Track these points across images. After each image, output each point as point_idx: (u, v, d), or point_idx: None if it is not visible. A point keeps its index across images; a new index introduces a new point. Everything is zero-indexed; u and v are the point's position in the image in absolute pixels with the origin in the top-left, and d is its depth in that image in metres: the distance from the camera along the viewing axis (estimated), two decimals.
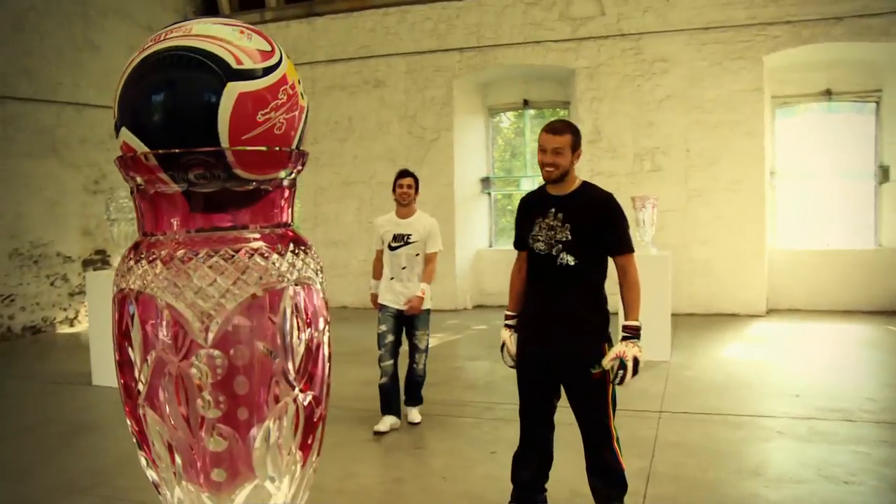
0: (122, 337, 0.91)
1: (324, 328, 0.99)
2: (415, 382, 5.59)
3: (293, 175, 0.96)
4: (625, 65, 10.30)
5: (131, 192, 0.93)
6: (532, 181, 12.03)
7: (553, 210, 3.45)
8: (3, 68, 9.65)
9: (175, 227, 0.91)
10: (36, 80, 10.02)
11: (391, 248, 5.46)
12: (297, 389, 0.93)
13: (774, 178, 10.59)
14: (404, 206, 5.54)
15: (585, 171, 10.48)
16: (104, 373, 6.96)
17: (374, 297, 5.60)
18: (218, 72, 0.87)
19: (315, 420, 0.98)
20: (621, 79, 10.33)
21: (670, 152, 10.17)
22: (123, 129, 0.89)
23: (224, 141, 0.87)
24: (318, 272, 0.99)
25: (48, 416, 6.17)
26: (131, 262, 0.91)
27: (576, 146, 3.42)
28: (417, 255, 5.46)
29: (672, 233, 10.01)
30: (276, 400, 0.91)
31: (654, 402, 5.93)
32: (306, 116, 0.98)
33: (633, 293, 3.40)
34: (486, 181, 11.99)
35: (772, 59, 9.87)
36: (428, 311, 5.49)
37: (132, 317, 0.90)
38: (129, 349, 0.90)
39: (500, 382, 6.77)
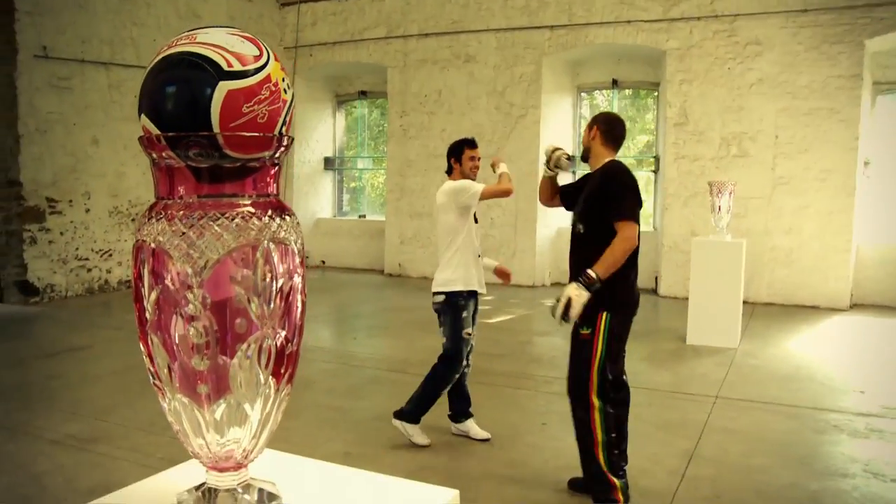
0: (137, 278, 1.17)
1: (298, 280, 1.23)
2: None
3: (277, 155, 1.20)
4: (716, 47, 10.19)
5: (150, 165, 1.18)
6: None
7: (582, 186, 3.96)
8: (111, 36, 10.28)
9: (181, 193, 1.16)
10: (140, 48, 10.64)
11: (476, 222, 4.89)
12: (267, 327, 1.17)
13: (868, 169, 10.32)
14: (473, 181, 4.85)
15: (671, 153, 10.47)
16: None
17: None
18: (212, 73, 1.11)
19: (287, 354, 1.23)
20: (712, 61, 10.24)
21: (758, 138, 10.04)
22: (143, 116, 1.15)
23: (216, 127, 1.12)
24: (296, 234, 1.23)
25: (133, 363, 6.69)
26: (146, 219, 1.17)
27: (591, 125, 3.94)
28: None
29: (755, 220, 9.94)
30: (250, 333, 1.16)
31: (711, 388, 6.01)
32: (289, 107, 1.21)
33: (608, 252, 3.58)
34: (571, 160, 12.05)
35: (875, 43, 9.59)
36: None
37: (143, 262, 1.16)
38: (141, 287, 1.16)
39: (564, 358, 6.96)
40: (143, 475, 1.45)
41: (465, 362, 4.72)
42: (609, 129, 3.90)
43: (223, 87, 1.12)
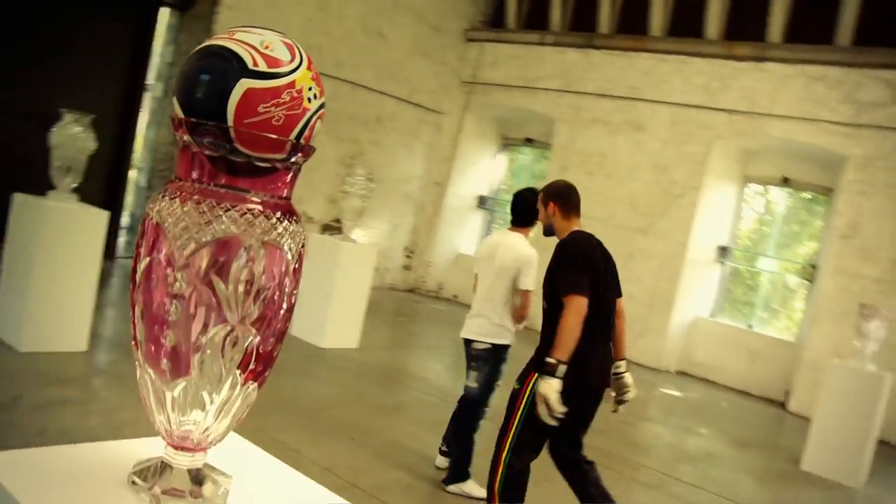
0: (137, 246, 1.24)
1: (287, 286, 1.27)
2: None
3: (293, 161, 1.25)
4: None
5: (175, 146, 1.26)
6: (772, 262, 11.56)
7: None
8: (299, 41, 10.78)
9: (195, 177, 1.23)
10: (324, 58, 11.20)
11: None
12: (237, 321, 1.21)
13: None
14: None
15: (830, 266, 9.92)
16: (301, 326, 7.74)
17: None
18: (237, 68, 1.17)
19: (260, 353, 1.26)
20: None
21: None
22: (174, 98, 1.23)
23: (230, 121, 1.17)
24: (295, 241, 1.27)
25: None
26: (159, 196, 1.24)
27: (545, 202, 3.95)
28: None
29: None
30: (216, 322, 1.20)
31: None
32: (312, 116, 1.25)
33: (559, 331, 3.58)
34: (723, 250, 11.66)
35: None
36: None
37: (144, 234, 1.23)
38: (139, 254, 1.24)
39: (664, 448, 6.72)
40: None
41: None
42: (564, 200, 3.94)
43: (243, 84, 1.17)
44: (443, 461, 4.99)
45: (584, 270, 3.68)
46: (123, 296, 8.53)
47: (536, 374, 3.64)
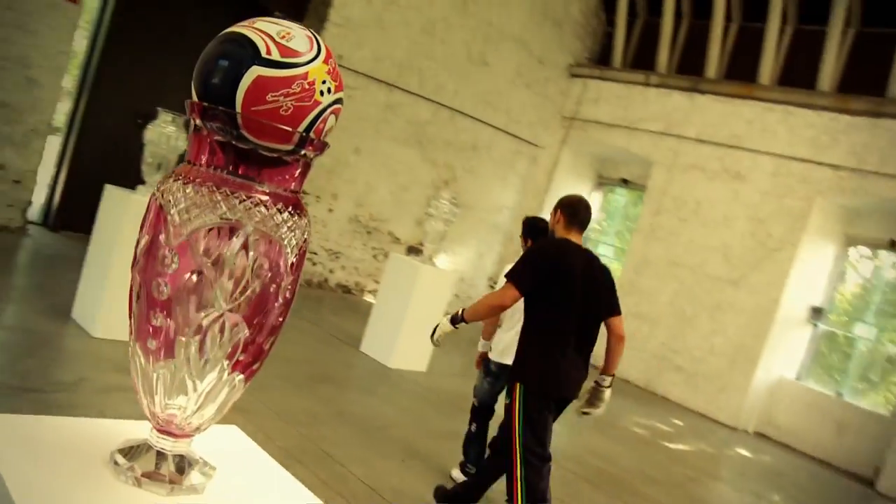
0: (142, 223, 1.26)
1: (281, 277, 1.26)
2: None
3: (303, 154, 1.24)
4: None
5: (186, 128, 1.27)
6: (869, 328, 11.03)
7: None
8: (402, 61, 11.07)
9: (204, 163, 1.23)
10: (424, 80, 11.35)
11: None
12: (224, 309, 1.20)
13: None
14: None
15: None
16: (372, 343, 7.78)
17: None
18: (250, 55, 1.18)
19: (246, 344, 1.25)
20: None
21: None
22: (193, 82, 1.24)
23: (238, 106, 1.17)
24: (296, 235, 1.26)
25: (310, 358, 7.08)
26: (169, 178, 1.25)
27: (556, 210, 4.11)
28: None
29: None
30: (203, 308, 1.20)
31: None
32: (324, 110, 1.24)
33: (479, 300, 4.06)
34: (817, 311, 11.18)
35: None
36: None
37: (148, 212, 1.24)
38: (142, 230, 1.25)
39: None
40: None
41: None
42: (572, 212, 4.06)
43: (254, 72, 1.17)
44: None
45: (535, 273, 3.84)
46: None
47: (519, 384, 3.87)
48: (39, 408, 4.09)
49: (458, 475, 5.09)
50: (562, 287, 3.85)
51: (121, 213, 5.66)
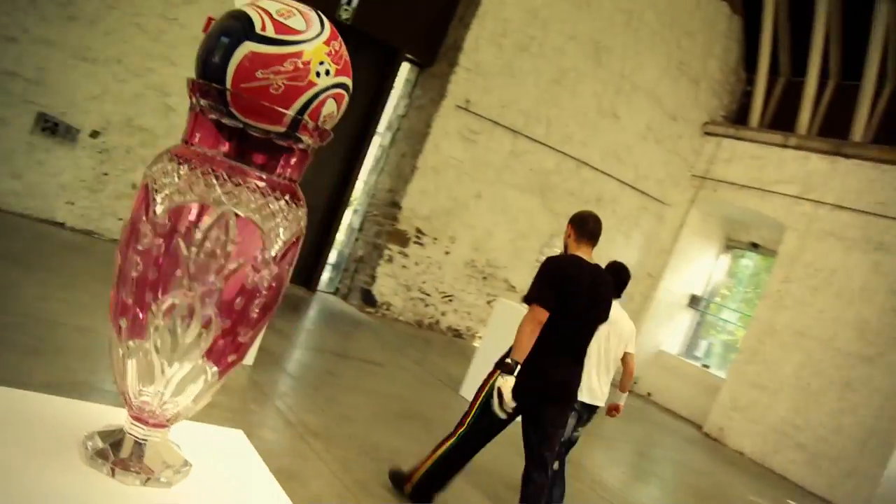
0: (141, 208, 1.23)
1: (260, 267, 1.19)
2: None
3: (298, 138, 1.19)
4: None
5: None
6: None
7: None
8: (529, 109, 11.07)
9: (195, 142, 1.20)
10: (551, 129, 11.30)
11: None
12: (191, 292, 1.15)
13: None
14: None
15: None
16: (472, 387, 7.67)
17: None
18: (244, 30, 1.14)
19: (223, 333, 1.20)
20: None
21: None
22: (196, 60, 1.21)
23: (228, 84, 1.14)
24: (283, 225, 1.20)
25: (405, 396, 7.04)
26: (163, 156, 1.22)
27: (568, 224, 4.51)
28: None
29: None
30: (177, 289, 1.15)
31: None
32: (320, 93, 1.18)
33: (517, 335, 4.14)
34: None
35: None
36: None
37: (138, 188, 1.22)
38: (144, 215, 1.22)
39: None
40: None
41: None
42: (581, 226, 4.40)
43: (246, 47, 1.13)
44: None
45: (552, 287, 4.13)
46: (311, 325, 8.93)
47: (499, 372, 4.13)
48: None
49: None
50: (568, 301, 4.14)
51: None
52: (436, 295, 11.10)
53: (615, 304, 5.01)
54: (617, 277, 5.18)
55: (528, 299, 4.18)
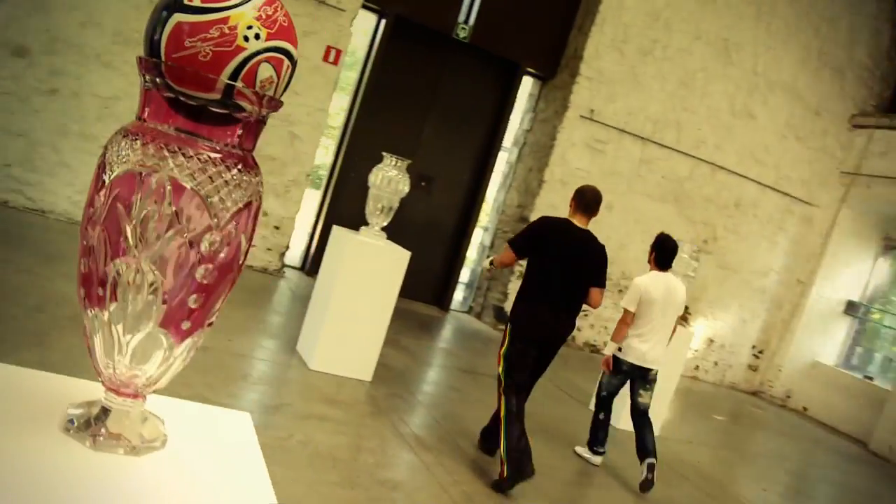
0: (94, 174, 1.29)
1: (204, 232, 1.22)
2: None
3: (237, 107, 1.22)
4: None
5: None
6: None
7: None
8: (657, 115, 10.80)
9: (148, 117, 1.25)
10: (682, 134, 10.97)
11: None
12: (135, 259, 1.19)
13: None
14: None
15: None
16: None
17: None
18: (174, 3, 1.18)
19: (170, 300, 1.23)
20: None
21: None
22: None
23: (162, 55, 1.18)
24: (240, 190, 1.23)
25: (531, 411, 6.95)
26: (118, 134, 1.28)
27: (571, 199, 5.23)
28: None
29: None
30: (116, 256, 1.19)
31: None
32: (251, 57, 1.20)
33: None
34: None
35: None
36: None
37: (101, 164, 1.28)
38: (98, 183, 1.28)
39: None
40: None
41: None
42: (580, 198, 5.15)
43: (175, 18, 1.17)
44: (598, 460, 6.04)
45: (530, 239, 5.08)
46: (440, 344, 8.99)
47: (508, 325, 5.09)
48: None
49: (582, 451, 6.13)
50: (549, 255, 4.95)
51: (342, 253, 5.98)
52: None
53: (667, 275, 5.92)
54: (663, 249, 5.89)
55: (509, 241, 5.22)
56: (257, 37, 1.21)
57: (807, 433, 10.99)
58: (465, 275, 11.45)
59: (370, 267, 5.98)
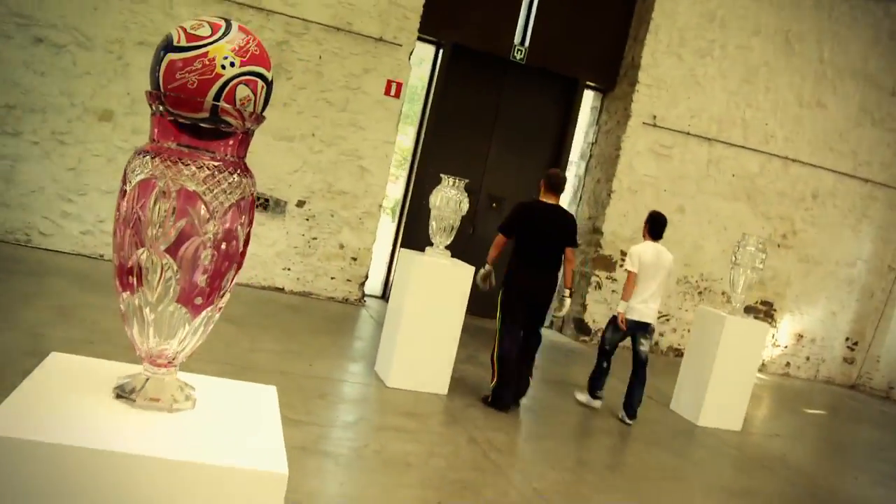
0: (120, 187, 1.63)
1: (204, 225, 1.53)
2: None
3: (225, 123, 1.53)
4: None
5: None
6: None
7: None
8: (721, 114, 10.83)
9: (155, 137, 1.58)
10: (749, 130, 10.97)
11: None
12: (152, 249, 1.51)
13: None
14: None
15: None
16: (680, 401, 7.61)
17: None
18: (166, 45, 1.51)
19: (187, 281, 1.55)
20: None
21: None
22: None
23: (161, 87, 1.51)
24: (223, 192, 1.54)
25: (609, 414, 7.11)
26: (138, 153, 1.61)
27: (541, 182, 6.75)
28: None
29: None
30: (141, 246, 1.52)
31: None
32: (229, 82, 1.51)
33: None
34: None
35: None
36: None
37: (124, 177, 1.61)
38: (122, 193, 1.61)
39: None
40: None
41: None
42: (547, 181, 6.65)
43: (168, 57, 1.51)
44: (598, 403, 7.10)
45: (512, 221, 6.51)
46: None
47: (503, 287, 6.49)
48: (310, 438, 4.71)
49: (582, 397, 7.16)
50: (529, 230, 6.39)
51: (409, 273, 6.31)
52: None
53: (656, 244, 7.00)
54: (654, 223, 7.08)
55: (498, 227, 6.60)
56: (232, 64, 1.53)
57: None
58: None
59: (436, 284, 6.29)
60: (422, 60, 10.77)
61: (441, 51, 10.10)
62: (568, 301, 6.80)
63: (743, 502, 5.56)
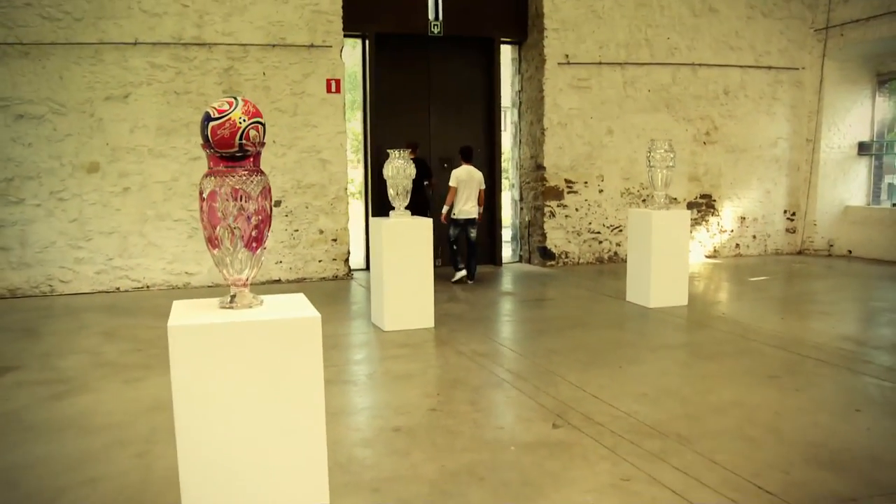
0: (198, 197, 3.09)
1: (247, 206, 2.99)
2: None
3: (247, 150, 2.99)
4: None
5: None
6: None
7: None
8: (626, 39, 12.30)
9: (212, 166, 3.05)
10: (654, 47, 12.44)
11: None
12: (226, 223, 2.97)
13: None
14: None
15: None
16: (632, 290, 9.13)
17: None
18: (207, 118, 2.96)
19: (247, 237, 3.02)
20: None
21: None
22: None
23: (210, 139, 2.97)
24: (253, 187, 3.00)
25: (570, 314, 8.61)
26: (205, 176, 3.06)
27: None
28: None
29: None
30: (218, 222, 2.98)
31: None
32: (244, 130, 2.97)
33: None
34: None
35: None
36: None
37: (200, 192, 3.07)
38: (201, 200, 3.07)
39: None
40: None
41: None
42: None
43: (210, 124, 2.95)
44: (461, 274, 10.80)
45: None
46: (493, 291, 10.66)
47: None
48: (330, 374, 6.19)
49: (454, 278, 10.82)
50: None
51: (380, 235, 7.77)
52: (605, 231, 12.54)
53: (468, 166, 10.48)
54: (462, 152, 10.65)
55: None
56: (244, 120, 2.99)
57: (858, 272, 12.06)
58: (507, 234, 13.23)
59: (404, 238, 7.76)
60: (353, 48, 12.15)
61: (367, 42, 11.49)
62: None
63: (681, 351, 7.09)
